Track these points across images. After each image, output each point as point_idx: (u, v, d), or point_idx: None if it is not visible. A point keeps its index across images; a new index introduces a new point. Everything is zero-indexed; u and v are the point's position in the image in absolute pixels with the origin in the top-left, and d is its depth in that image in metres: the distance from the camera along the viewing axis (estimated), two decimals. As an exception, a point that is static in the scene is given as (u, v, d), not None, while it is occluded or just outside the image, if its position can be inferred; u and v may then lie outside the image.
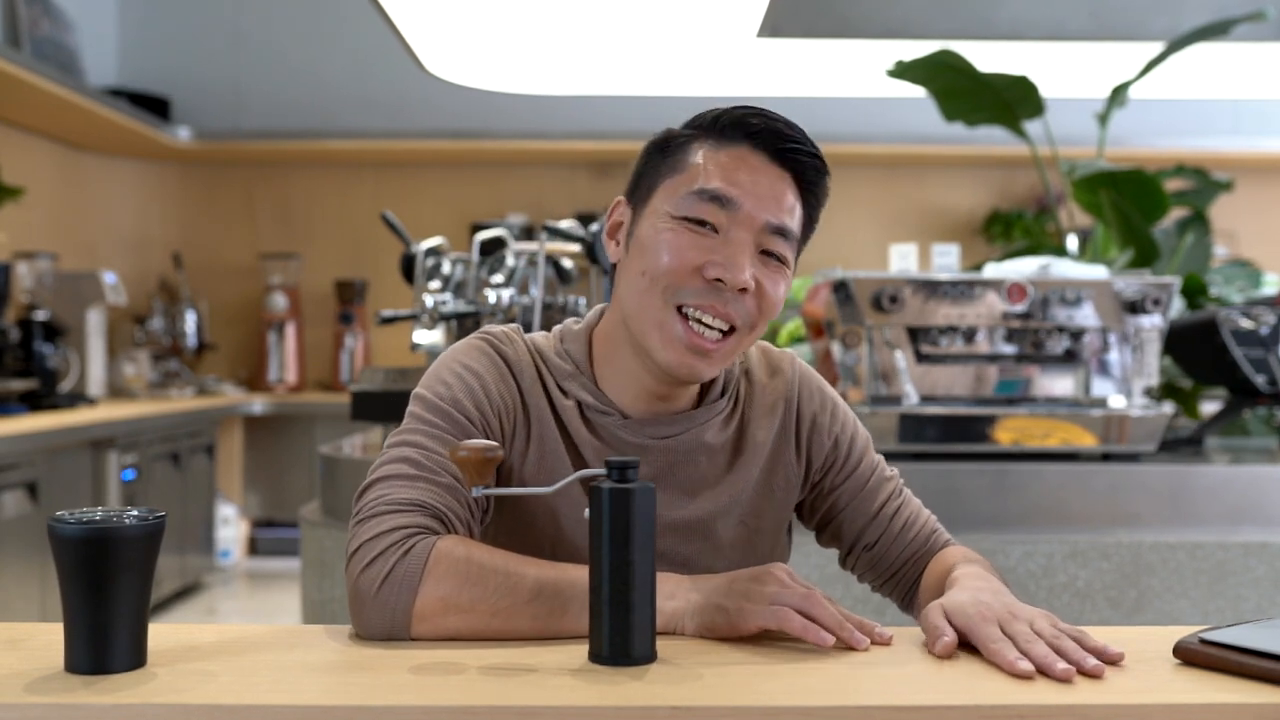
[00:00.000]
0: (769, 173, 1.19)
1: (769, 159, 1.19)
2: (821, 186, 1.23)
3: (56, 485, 3.89)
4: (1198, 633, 1.00)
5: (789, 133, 1.20)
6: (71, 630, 0.96)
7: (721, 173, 1.18)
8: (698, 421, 1.26)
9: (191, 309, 5.75)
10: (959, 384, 2.51)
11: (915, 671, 1.00)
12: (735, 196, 1.17)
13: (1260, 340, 2.63)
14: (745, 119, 1.20)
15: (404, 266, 2.79)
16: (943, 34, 4.19)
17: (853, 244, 6.06)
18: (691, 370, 1.18)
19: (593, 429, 1.24)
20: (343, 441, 2.97)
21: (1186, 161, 4.03)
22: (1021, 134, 3.52)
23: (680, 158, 1.20)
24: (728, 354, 1.19)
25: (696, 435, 1.25)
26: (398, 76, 5.79)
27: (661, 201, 1.20)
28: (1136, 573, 2.32)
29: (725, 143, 1.20)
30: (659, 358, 1.18)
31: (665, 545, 1.23)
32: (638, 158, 1.25)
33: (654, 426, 1.24)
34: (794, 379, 1.32)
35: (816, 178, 1.22)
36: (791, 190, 1.20)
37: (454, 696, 0.92)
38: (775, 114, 1.22)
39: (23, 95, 4.48)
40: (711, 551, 1.25)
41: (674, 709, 0.89)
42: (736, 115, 1.21)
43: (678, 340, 1.17)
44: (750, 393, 1.30)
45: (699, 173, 1.18)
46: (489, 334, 1.27)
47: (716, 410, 1.27)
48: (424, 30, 4.86)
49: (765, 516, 1.29)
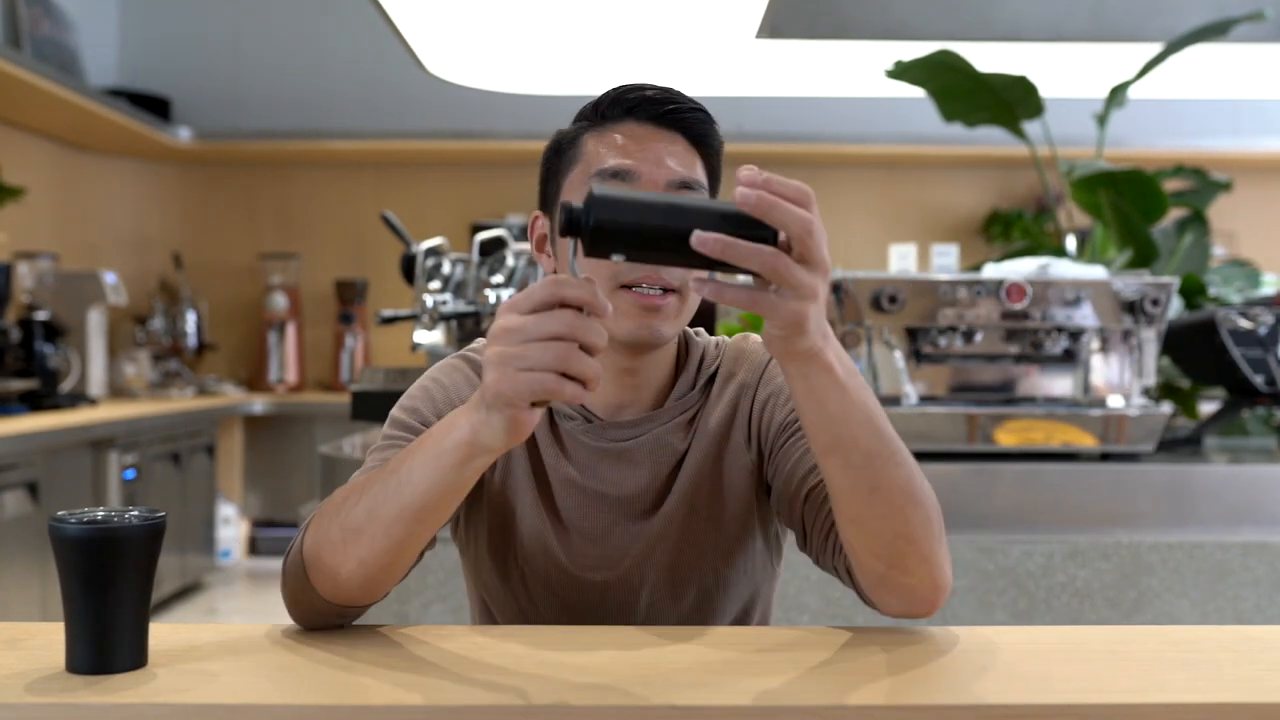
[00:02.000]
0: (657, 138, 1.21)
1: (654, 125, 1.22)
2: (713, 138, 1.25)
3: (57, 485, 3.89)
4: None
5: (666, 96, 1.23)
6: (72, 630, 0.97)
7: (612, 151, 1.21)
8: (660, 421, 1.26)
9: (192, 309, 5.75)
10: (958, 384, 2.51)
11: (915, 671, 1.00)
12: (630, 168, 1.19)
13: (1259, 340, 2.63)
14: (622, 96, 1.23)
15: (404, 266, 2.79)
16: (942, 34, 4.19)
17: (852, 244, 6.06)
18: (651, 329, 1.19)
19: (557, 432, 1.27)
20: (343, 441, 2.97)
21: (1185, 162, 4.03)
22: (1021, 134, 3.52)
23: (573, 152, 1.24)
24: (677, 312, 1.20)
25: (658, 436, 1.26)
26: (398, 76, 5.79)
27: (569, 198, 1.22)
28: (1136, 573, 2.32)
29: (609, 124, 1.23)
30: (618, 332, 1.18)
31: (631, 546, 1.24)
32: (540, 168, 1.28)
33: (616, 429, 1.26)
34: (759, 366, 1.30)
35: (705, 130, 1.24)
36: (684, 147, 1.22)
37: (454, 696, 0.92)
38: (650, 84, 1.25)
39: (23, 95, 4.48)
40: (674, 549, 1.25)
41: (674, 709, 0.89)
42: (613, 95, 1.24)
43: (631, 308, 1.18)
44: (712, 390, 1.30)
45: (592, 159, 1.21)
46: (469, 349, 1.32)
47: (680, 410, 1.27)
48: (424, 30, 4.86)
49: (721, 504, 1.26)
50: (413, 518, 1.03)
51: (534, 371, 0.90)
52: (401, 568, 1.08)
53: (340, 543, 1.06)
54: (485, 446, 0.97)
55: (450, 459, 0.99)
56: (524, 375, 0.90)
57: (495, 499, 1.27)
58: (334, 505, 1.09)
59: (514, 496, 1.26)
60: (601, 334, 0.91)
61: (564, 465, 1.26)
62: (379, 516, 1.04)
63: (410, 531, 1.04)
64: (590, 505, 1.25)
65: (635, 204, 0.91)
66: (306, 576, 1.09)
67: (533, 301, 0.91)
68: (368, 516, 1.04)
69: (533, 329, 0.90)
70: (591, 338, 0.90)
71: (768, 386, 1.28)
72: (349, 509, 1.06)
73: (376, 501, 1.04)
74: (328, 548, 1.07)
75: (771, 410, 1.27)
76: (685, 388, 1.29)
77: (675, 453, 1.27)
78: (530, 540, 1.25)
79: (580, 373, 0.90)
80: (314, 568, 1.08)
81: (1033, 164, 3.92)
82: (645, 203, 0.91)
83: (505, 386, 0.91)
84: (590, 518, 1.25)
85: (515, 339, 0.91)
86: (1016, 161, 5.77)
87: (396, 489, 1.03)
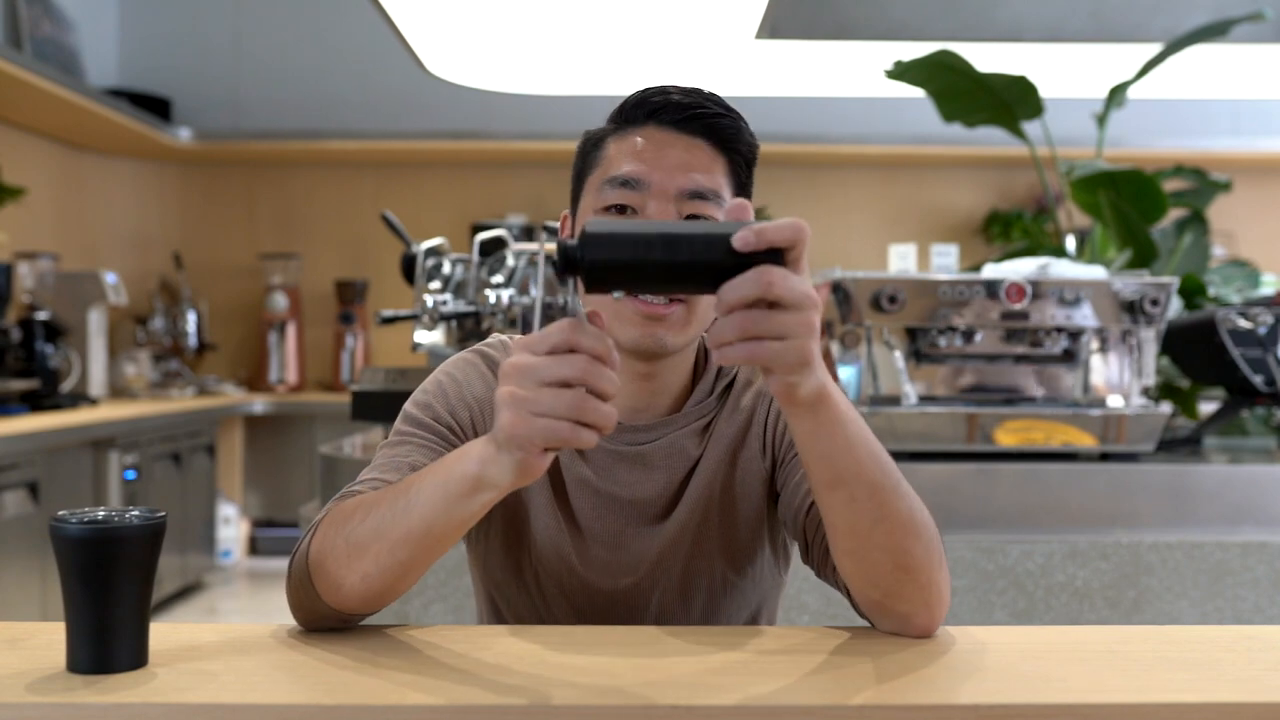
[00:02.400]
0: (677, 143, 1.20)
1: (676, 131, 1.21)
2: (741, 140, 1.23)
3: (57, 485, 3.89)
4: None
5: (690, 100, 1.22)
6: (73, 630, 0.97)
7: (628, 157, 1.20)
8: (677, 426, 1.26)
9: (192, 309, 5.75)
10: (958, 384, 2.51)
11: (915, 672, 1.00)
12: (641, 175, 1.18)
13: (1258, 340, 2.63)
14: (646, 99, 1.23)
15: (404, 266, 2.79)
16: (942, 34, 4.19)
17: (852, 244, 6.07)
18: (655, 338, 1.18)
19: None
20: (343, 441, 2.97)
21: (1185, 162, 4.03)
22: (1020, 134, 3.52)
23: (597, 154, 1.24)
24: (684, 321, 1.19)
25: (674, 440, 1.26)
26: (398, 76, 5.79)
27: (588, 200, 1.23)
28: (1135, 572, 2.32)
29: (632, 127, 1.22)
30: (624, 339, 1.18)
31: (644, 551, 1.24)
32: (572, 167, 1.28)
33: (630, 434, 1.25)
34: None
35: (732, 133, 1.23)
36: (706, 153, 1.21)
37: (455, 696, 0.92)
38: (677, 86, 1.24)
39: (23, 96, 4.48)
40: (686, 555, 1.25)
41: (674, 709, 0.89)
42: (638, 98, 1.23)
43: (634, 316, 1.18)
44: (727, 400, 1.30)
45: (610, 163, 1.21)
46: (484, 345, 1.31)
47: (696, 415, 1.27)
48: (424, 30, 4.86)
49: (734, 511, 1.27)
50: (417, 542, 1.03)
51: (548, 418, 0.89)
52: (404, 586, 1.08)
53: (346, 555, 1.06)
54: (493, 483, 0.96)
55: (457, 490, 0.98)
56: (539, 421, 0.89)
57: (509, 497, 1.25)
58: (343, 514, 1.08)
59: (528, 495, 1.26)
60: (614, 381, 0.90)
61: (579, 466, 1.26)
62: (385, 535, 1.04)
63: (414, 554, 1.04)
64: (604, 507, 1.25)
65: (629, 238, 0.90)
66: (311, 582, 1.08)
67: (549, 343, 0.90)
68: (374, 534, 1.04)
69: (546, 372, 0.89)
70: (604, 384, 0.89)
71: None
72: (357, 523, 1.06)
73: (384, 521, 1.04)
74: (333, 558, 1.06)
75: (786, 419, 1.27)
76: (703, 394, 1.29)
77: (690, 458, 1.26)
78: (544, 541, 1.25)
79: (595, 421, 0.89)
80: (318, 575, 1.08)
81: (1032, 164, 3.92)
82: (639, 236, 0.90)
83: (520, 430, 0.90)
84: (604, 520, 1.25)
85: (529, 380, 0.90)
86: (1016, 161, 5.77)
87: (405, 511, 1.02)
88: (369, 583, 1.05)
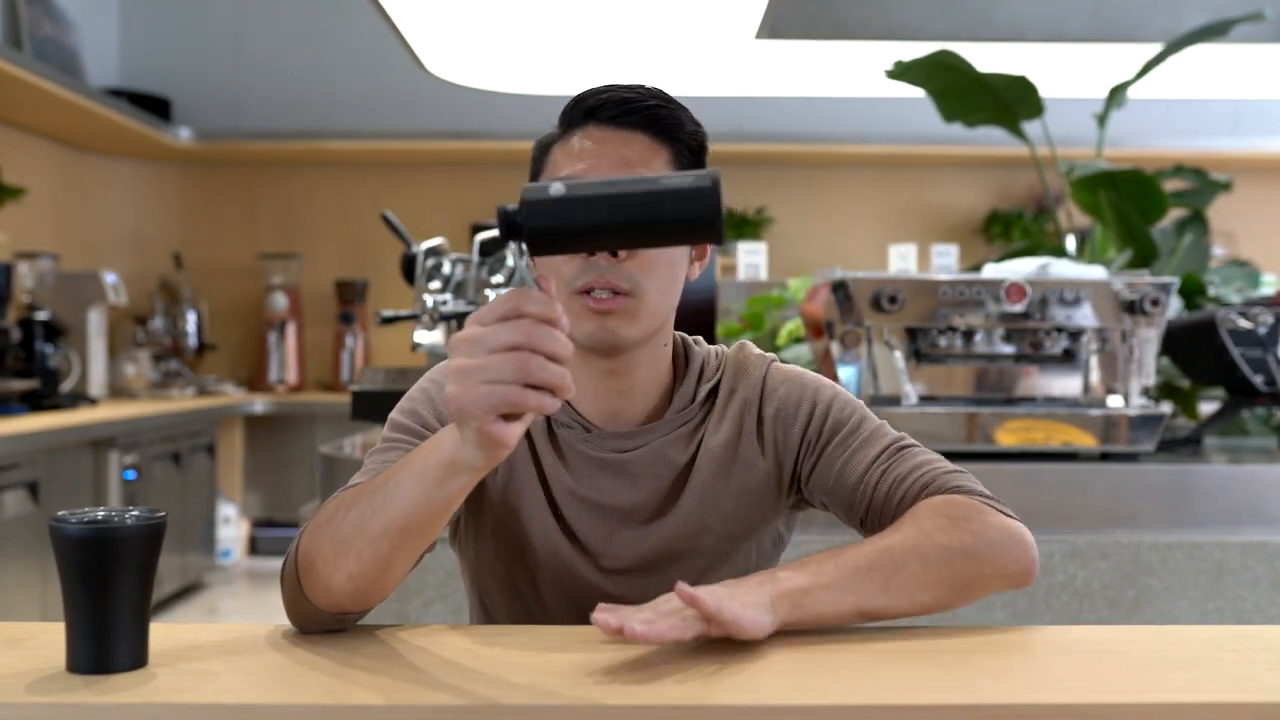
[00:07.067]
0: (615, 140, 1.21)
1: (613, 127, 1.21)
2: (682, 129, 1.23)
3: (57, 485, 3.89)
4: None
5: (626, 94, 1.22)
6: (73, 630, 0.97)
7: (567, 159, 1.21)
8: (660, 434, 1.26)
9: (192, 309, 5.75)
10: (958, 384, 2.51)
11: (915, 671, 1.00)
12: (580, 175, 1.19)
13: (1258, 340, 2.63)
14: (583, 99, 1.23)
15: (404, 266, 2.79)
16: (942, 34, 4.19)
17: (852, 244, 6.07)
18: (608, 331, 1.18)
19: (555, 440, 1.26)
20: (343, 441, 2.97)
21: (1185, 162, 4.02)
22: (1020, 134, 3.52)
23: (545, 160, 1.25)
24: (633, 313, 1.18)
25: (657, 449, 1.25)
26: (398, 76, 5.79)
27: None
28: (1135, 572, 2.32)
29: (574, 129, 1.23)
30: (579, 336, 1.17)
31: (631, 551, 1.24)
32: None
33: (615, 440, 1.25)
34: (758, 381, 1.30)
35: (671, 123, 1.22)
36: (645, 145, 1.21)
37: (455, 696, 0.92)
38: (615, 84, 1.24)
39: (23, 95, 4.48)
40: (680, 557, 1.25)
41: (674, 708, 0.89)
42: (577, 99, 1.24)
43: (585, 311, 1.18)
44: (714, 405, 1.29)
45: (555, 167, 1.22)
46: None
47: (679, 422, 1.27)
48: (424, 30, 4.86)
49: (726, 520, 1.26)
50: (398, 534, 1.02)
51: (495, 384, 0.88)
52: (392, 581, 1.07)
53: (331, 555, 1.06)
54: (465, 465, 0.95)
55: (432, 476, 0.98)
56: (484, 387, 0.88)
57: (498, 503, 1.26)
58: (327, 514, 1.09)
59: (519, 501, 1.26)
60: (562, 342, 0.89)
61: (562, 473, 1.25)
62: (366, 530, 1.03)
63: (395, 548, 1.03)
64: (591, 513, 1.25)
65: (567, 200, 0.92)
66: (300, 585, 1.08)
67: (496, 313, 0.90)
68: (355, 530, 1.04)
69: (490, 339, 0.89)
70: (551, 345, 0.88)
71: (772, 402, 1.28)
72: (339, 520, 1.06)
73: (364, 515, 1.04)
74: (319, 558, 1.06)
75: (786, 423, 1.28)
76: (685, 400, 1.28)
77: (675, 466, 1.26)
78: (541, 545, 1.25)
79: (545, 381, 0.88)
80: (307, 577, 1.08)
81: (1032, 164, 3.92)
82: (576, 198, 0.92)
83: (465, 400, 0.89)
84: (593, 525, 1.25)
85: (477, 349, 0.89)
86: (1016, 161, 5.77)
87: (384, 503, 1.02)
88: (354, 581, 1.05)
